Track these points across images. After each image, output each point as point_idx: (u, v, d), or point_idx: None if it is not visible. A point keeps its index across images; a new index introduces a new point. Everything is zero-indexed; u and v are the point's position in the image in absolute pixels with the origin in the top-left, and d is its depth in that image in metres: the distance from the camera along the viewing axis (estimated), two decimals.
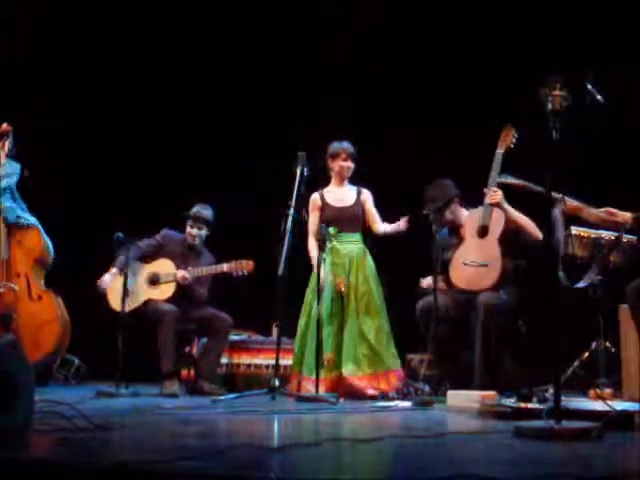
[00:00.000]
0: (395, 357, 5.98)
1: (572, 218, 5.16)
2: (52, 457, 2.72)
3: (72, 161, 7.77)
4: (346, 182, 6.27)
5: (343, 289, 5.94)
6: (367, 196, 6.26)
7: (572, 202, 5.32)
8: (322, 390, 5.59)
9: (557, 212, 5.49)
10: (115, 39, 7.76)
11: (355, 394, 5.70)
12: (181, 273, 6.27)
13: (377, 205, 6.26)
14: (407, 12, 7.29)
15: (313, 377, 5.56)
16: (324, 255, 5.77)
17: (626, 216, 4.91)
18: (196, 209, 6.52)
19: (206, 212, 6.52)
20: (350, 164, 6.21)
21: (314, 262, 5.89)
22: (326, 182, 6.31)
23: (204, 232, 6.52)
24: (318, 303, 5.67)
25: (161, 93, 7.75)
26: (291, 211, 5.55)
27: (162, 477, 2.25)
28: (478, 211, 5.62)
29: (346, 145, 6.20)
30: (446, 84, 7.08)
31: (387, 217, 6.19)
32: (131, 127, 7.79)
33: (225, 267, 6.27)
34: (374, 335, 5.92)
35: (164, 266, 6.36)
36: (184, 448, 2.99)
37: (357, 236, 6.18)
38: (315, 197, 6.23)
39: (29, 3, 7.52)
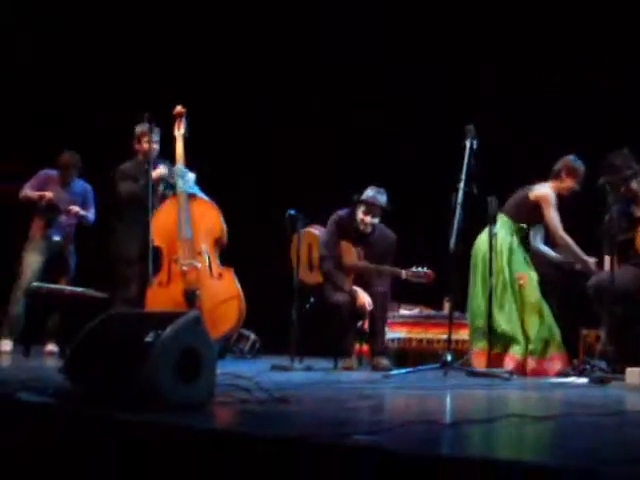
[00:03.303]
0: (558, 341, 5.96)
1: None
2: (234, 428, 2.83)
3: (240, 140, 8.00)
4: None
5: (522, 282, 5.97)
6: None
7: None
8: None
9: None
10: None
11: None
12: (362, 300, 6.15)
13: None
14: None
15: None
16: (495, 229, 5.73)
17: None
18: (371, 194, 6.32)
19: (382, 198, 6.33)
20: None
21: None
22: None
23: (377, 220, 6.38)
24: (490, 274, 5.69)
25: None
26: (462, 185, 5.51)
27: (338, 450, 2.30)
28: None
29: None
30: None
31: None
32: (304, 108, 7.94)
33: (403, 274, 6.22)
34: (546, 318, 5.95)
35: (348, 254, 6.37)
36: (359, 422, 3.04)
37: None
38: None
39: None
